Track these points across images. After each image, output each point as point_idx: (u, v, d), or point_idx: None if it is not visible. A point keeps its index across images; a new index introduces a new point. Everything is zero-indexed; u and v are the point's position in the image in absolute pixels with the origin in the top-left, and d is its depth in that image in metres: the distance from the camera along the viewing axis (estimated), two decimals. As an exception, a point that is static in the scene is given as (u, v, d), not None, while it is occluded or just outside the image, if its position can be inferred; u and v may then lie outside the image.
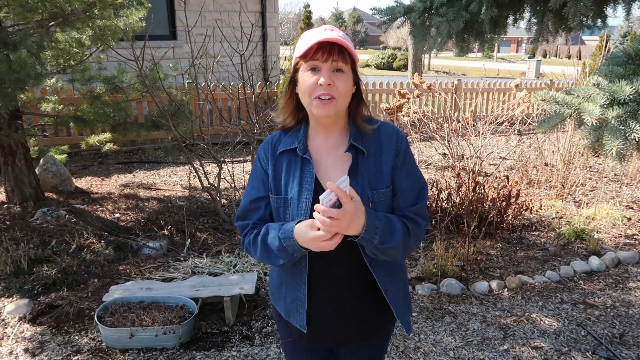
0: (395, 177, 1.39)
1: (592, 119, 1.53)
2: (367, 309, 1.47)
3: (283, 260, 1.37)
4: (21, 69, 3.57)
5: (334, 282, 1.43)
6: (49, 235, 4.10)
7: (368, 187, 1.36)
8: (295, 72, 1.36)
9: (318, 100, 1.30)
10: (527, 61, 27.75)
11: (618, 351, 2.85)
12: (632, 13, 2.73)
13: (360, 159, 1.37)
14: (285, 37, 32.43)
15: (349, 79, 1.33)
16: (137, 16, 4.47)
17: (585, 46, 31.36)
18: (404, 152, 1.41)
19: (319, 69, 1.29)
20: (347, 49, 1.30)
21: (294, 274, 1.44)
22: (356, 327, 1.48)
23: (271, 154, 1.43)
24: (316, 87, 1.29)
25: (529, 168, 5.99)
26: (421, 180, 1.44)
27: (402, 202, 1.40)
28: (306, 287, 1.42)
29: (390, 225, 1.32)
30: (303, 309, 1.44)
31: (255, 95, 4.64)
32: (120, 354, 2.75)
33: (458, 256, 3.81)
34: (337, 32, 1.31)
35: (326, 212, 1.19)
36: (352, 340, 1.52)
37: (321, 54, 1.27)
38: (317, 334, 1.48)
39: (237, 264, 3.60)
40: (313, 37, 1.29)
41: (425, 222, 1.42)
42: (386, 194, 1.38)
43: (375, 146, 1.39)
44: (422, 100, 8.96)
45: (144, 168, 6.65)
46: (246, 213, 1.47)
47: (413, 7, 3.05)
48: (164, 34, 8.62)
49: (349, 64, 1.32)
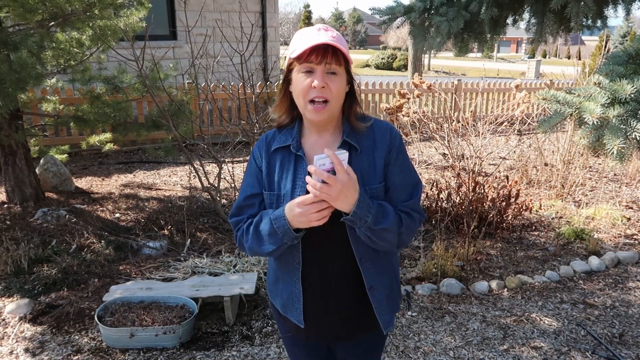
0: (388, 173, 1.40)
1: (593, 118, 1.53)
2: (361, 305, 1.49)
3: (272, 246, 1.37)
4: (22, 70, 3.58)
5: (327, 278, 1.45)
6: (49, 235, 4.10)
7: (361, 183, 1.36)
8: (289, 72, 1.37)
9: (312, 105, 1.32)
10: (527, 61, 27.75)
11: (618, 351, 2.86)
12: (632, 13, 2.73)
13: (353, 155, 1.39)
14: (285, 37, 32.44)
15: (343, 80, 1.34)
16: (137, 16, 4.48)
17: (585, 46, 31.35)
18: (397, 148, 1.42)
19: (312, 71, 1.31)
20: (341, 51, 1.31)
21: (289, 270, 1.46)
22: (351, 322, 1.51)
23: (265, 151, 1.46)
24: (310, 90, 1.31)
25: (529, 168, 5.99)
26: (415, 177, 1.46)
27: (395, 198, 1.41)
28: (300, 283, 1.44)
29: (384, 208, 1.34)
30: (299, 304, 1.46)
31: (255, 95, 4.64)
32: (120, 354, 2.76)
33: (458, 256, 3.82)
34: (330, 33, 1.32)
35: (317, 173, 1.20)
36: (347, 336, 1.54)
37: (315, 57, 1.28)
38: (313, 329, 1.50)
39: (237, 264, 3.61)
40: (307, 40, 1.30)
41: (419, 217, 1.43)
42: (379, 189, 1.39)
43: (369, 143, 1.41)
44: (422, 101, 8.96)
45: (144, 168, 6.65)
46: (240, 209, 1.49)
47: (413, 7, 3.06)
48: (164, 34, 8.63)
49: (342, 66, 1.33)
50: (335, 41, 1.29)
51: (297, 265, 1.43)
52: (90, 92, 4.79)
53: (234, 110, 7.78)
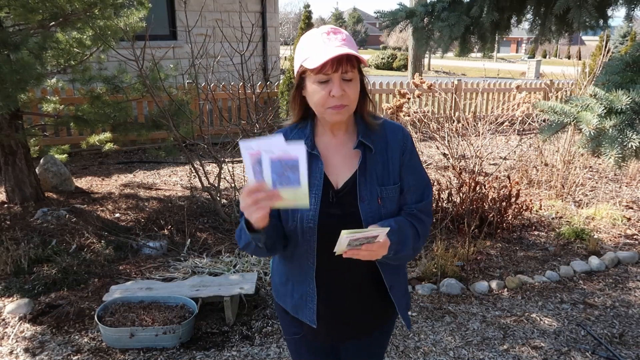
0: (402, 173, 1.41)
1: (590, 129, 1.54)
2: (371, 304, 1.50)
3: (243, 241, 1.36)
4: (23, 70, 3.57)
5: (340, 278, 1.45)
6: (50, 235, 4.10)
7: (377, 184, 1.38)
8: (301, 79, 1.35)
9: (331, 109, 1.31)
10: (527, 61, 27.72)
11: (618, 351, 2.86)
12: (634, 15, 2.74)
13: (368, 155, 1.39)
14: (285, 37, 32.44)
15: (357, 82, 1.34)
16: (137, 16, 4.47)
17: (585, 46, 31.35)
18: (409, 149, 1.43)
19: (329, 79, 1.29)
20: (355, 56, 1.30)
21: (302, 269, 1.45)
22: (359, 322, 1.52)
23: None
24: (328, 99, 1.30)
25: (529, 168, 5.99)
26: (426, 178, 1.47)
27: (408, 199, 1.42)
28: (315, 283, 1.44)
29: (402, 235, 1.35)
30: (313, 304, 1.46)
31: (256, 95, 4.65)
32: (120, 354, 2.76)
33: (458, 256, 3.82)
34: (341, 36, 1.30)
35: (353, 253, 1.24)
36: (354, 336, 1.55)
37: (330, 67, 1.27)
38: (324, 330, 1.51)
39: (237, 264, 3.61)
40: (319, 48, 1.28)
41: (430, 220, 1.46)
42: (394, 190, 1.40)
43: (382, 143, 1.41)
44: (423, 100, 8.96)
45: (144, 168, 6.65)
46: None
47: (415, 12, 3.07)
48: (165, 34, 8.62)
49: (356, 68, 1.32)
50: (346, 45, 1.28)
51: (312, 264, 1.43)
52: (91, 92, 4.79)
53: (234, 110, 7.78)
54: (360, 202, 1.36)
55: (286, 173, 1.15)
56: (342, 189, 1.39)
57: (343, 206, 1.36)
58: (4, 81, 3.53)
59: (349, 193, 1.37)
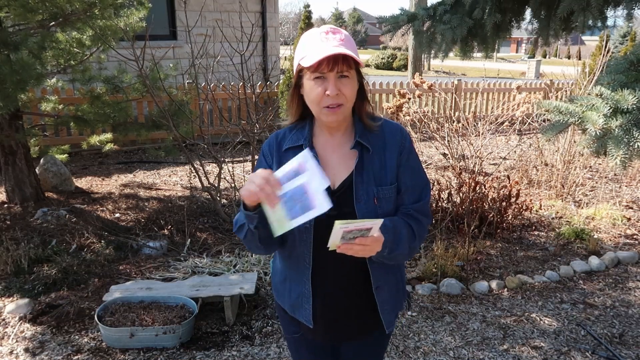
0: (399, 174, 1.41)
1: (596, 129, 1.54)
2: (368, 304, 1.49)
3: (239, 222, 1.40)
4: (23, 70, 3.57)
5: (336, 278, 1.45)
6: (50, 235, 4.10)
7: (373, 184, 1.38)
8: (299, 78, 1.37)
9: (327, 109, 1.32)
10: (527, 61, 27.71)
11: (618, 351, 2.86)
12: (635, 16, 2.74)
13: (365, 156, 1.39)
14: (285, 37, 32.43)
15: (354, 82, 1.34)
16: (137, 16, 4.47)
17: (585, 46, 31.34)
18: (408, 149, 1.43)
19: (324, 77, 1.30)
20: (351, 56, 1.30)
21: (299, 269, 1.46)
22: (357, 322, 1.52)
23: (276, 150, 1.46)
24: (324, 98, 1.31)
25: (529, 168, 5.99)
26: (424, 178, 1.47)
27: (406, 199, 1.42)
28: (310, 283, 1.44)
29: (397, 235, 1.35)
30: (308, 304, 1.47)
31: (256, 95, 4.64)
32: (120, 354, 2.76)
33: (458, 256, 3.82)
34: (339, 36, 1.31)
35: (346, 247, 1.23)
36: (354, 336, 1.55)
37: (326, 66, 1.28)
38: (321, 329, 1.51)
39: (237, 264, 3.61)
40: (316, 47, 1.29)
41: (427, 221, 1.45)
42: (391, 190, 1.40)
43: (380, 144, 1.41)
44: (423, 100, 8.95)
45: (144, 168, 6.65)
46: None
47: (417, 15, 3.07)
48: (164, 34, 8.62)
49: (353, 68, 1.33)
50: (343, 45, 1.29)
51: (308, 265, 1.43)
52: (90, 92, 4.79)
53: (234, 110, 7.78)
54: (356, 203, 1.37)
55: (297, 203, 1.22)
56: (339, 189, 1.39)
57: (339, 206, 1.36)
58: (3, 81, 3.54)
59: (345, 193, 1.38)
